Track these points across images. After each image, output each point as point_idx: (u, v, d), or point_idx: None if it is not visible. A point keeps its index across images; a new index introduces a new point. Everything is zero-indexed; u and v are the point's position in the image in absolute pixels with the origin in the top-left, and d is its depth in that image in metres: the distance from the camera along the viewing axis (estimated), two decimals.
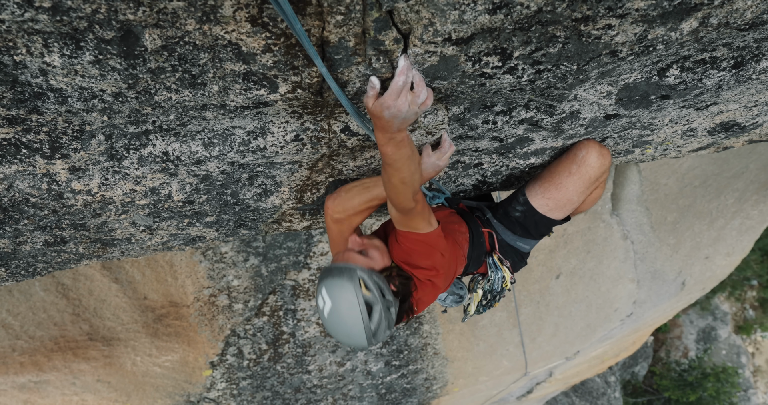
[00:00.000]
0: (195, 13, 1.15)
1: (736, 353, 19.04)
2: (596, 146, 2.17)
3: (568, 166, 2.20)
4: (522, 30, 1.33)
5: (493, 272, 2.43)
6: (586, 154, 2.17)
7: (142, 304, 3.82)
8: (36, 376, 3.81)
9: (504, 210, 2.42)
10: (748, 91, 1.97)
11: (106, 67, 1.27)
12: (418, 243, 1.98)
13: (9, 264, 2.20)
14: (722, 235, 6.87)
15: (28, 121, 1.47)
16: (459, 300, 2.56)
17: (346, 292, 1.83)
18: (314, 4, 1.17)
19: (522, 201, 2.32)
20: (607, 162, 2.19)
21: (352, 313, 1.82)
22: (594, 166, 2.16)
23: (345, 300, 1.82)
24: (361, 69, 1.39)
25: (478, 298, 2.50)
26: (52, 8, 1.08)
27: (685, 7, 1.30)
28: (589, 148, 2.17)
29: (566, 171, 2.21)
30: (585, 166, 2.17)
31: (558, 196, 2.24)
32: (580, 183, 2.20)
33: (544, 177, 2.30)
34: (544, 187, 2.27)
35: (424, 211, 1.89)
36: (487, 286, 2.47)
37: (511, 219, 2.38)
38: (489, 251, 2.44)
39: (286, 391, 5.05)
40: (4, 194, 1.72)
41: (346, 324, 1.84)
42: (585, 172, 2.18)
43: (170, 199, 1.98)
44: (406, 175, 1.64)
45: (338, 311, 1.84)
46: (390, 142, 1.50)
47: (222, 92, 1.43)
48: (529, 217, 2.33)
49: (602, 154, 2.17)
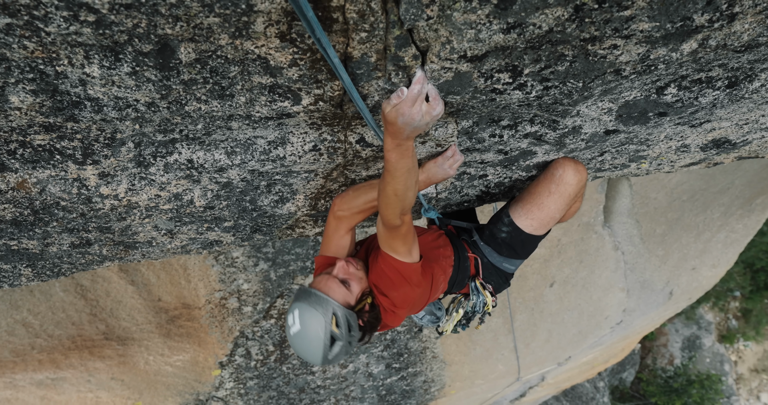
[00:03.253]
0: (229, 29, 1.17)
1: (720, 361, 18.98)
2: (572, 164, 2.18)
3: (548, 186, 2.20)
4: (533, 49, 1.35)
5: (475, 296, 2.41)
6: (563, 172, 2.17)
7: (156, 306, 3.82)
8: (53, 374, 3.80)
9: (490, 231, 2.38)
10: (740, 110, 1.99)
11: (142, 78, 1.29)
12: (393, 270, 1.94)
13: (36, 264, 2.20)
14: (708, 247, 6.88)
15: (63, 129, 1.48)
16: (436, 320, 2.54)
17: (316, 323, 1.83)
18: (341, 21, 1.19)
19: (507, 222, 2.30)
20: (583, 177, 2.19)
21: (315, 343, 1.83)
22: (572, 184, 2.17)
23: (312, 329, 1.83)
24: (381, 83, 1.41)
25: (458, 318, 2.48)
26: (96, 22, 1.10)
27: (687, 29, 1.32)
28: (566, 167, 2.17)
29: (546, 191, 2.21)
30: (563, 184, 2.17)
31: (541, 215, 2.23)
32: (561, 201, 2.21)
33: (525, 198, 2.28)
34: (527, 208, 2.26)
35: (407, 236, 1.86)
36: (469, 308, 2.45)
37: (498, 240, 2.35)
38: (473, 276, 2.42)
39: (291, 391, 5.03)
40: (36, 197, 1.73)
41: (307, 349, 1.85)
42: (564, 190, 2.18)
43: (192, 205, 1.99)
44: (401, 188, 1.62)
45: (304, 336, 1.84)
46: (397, 148, 1.50)
47: (248, 103, 1.45)
48: (515, 237, 2.31)
49: (578, 170, 2.18)
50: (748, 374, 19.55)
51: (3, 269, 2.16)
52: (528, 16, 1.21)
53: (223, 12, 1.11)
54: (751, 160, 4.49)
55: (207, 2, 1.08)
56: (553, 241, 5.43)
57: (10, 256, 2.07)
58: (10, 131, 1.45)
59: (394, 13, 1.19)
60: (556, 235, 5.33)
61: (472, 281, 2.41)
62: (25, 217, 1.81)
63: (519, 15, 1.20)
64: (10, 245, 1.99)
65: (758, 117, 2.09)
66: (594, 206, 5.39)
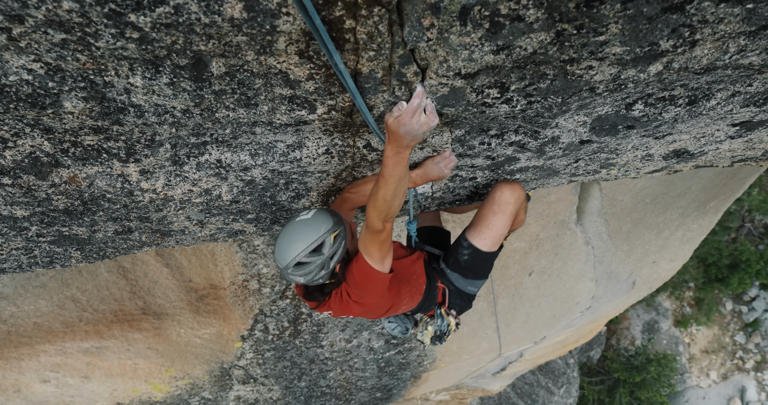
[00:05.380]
0: (255, 46, 1.17)
1: (675, 343, 18.95)
2: (507, 185, 2.21)
3: (491, 208, 2.23)
4: (519, 68, 1.34)
5: (439, 319, 2.41)
6: (501, 194, 2.21)
7: (187, 286, 3.82)
8: (97, 343, 3.81)
9: (453, 258, 2.37)
10: (698, 125, 1.98)
11: (179, 88, 1.28)
12: (362, 272, 1.90)
13: (84, 248, 2.21)
14: (667, 244, 6.85)
15: (110, 131, 1.48)
16: (405, 331, 2.54)
17: (323, 224, 1.76)
18: (352, 41, 1.18)
19: (466, 245, 2.30)
20: (518, 194, 2.22)
21: (306, 238, 1.74)
22: (510, 202, 2.20)
23: (316, 226, 1.76)
24: (386, 96, 1.40)
25: (430, 334, 2.48)
26: (140, 39, 1.10)
27: (654, 53, 1.32)
28: (503, 189, 2.21)
29: (491, 212, 2.24)
30: (503, 204, 2.20)
31: (492, 234, 2.26)
32: (504, 218, 2.23)
33: (476, 223, 2.30)
34: (479, 230, 2.28)
35: (384, 245, 1.81)
36: (437, 328, 2.45)
37: (462, 264, 2.34)
38: (439, 303, 2.42)
39: (303, 362, 5.03)
40: (85, 190, 1.73)
41: (295, 238, 1.76)
42: (505, 209, 2.21)
43: (220, 199, 1.99)
44: (389, 194, 1.59)
45: (304, 226, 1.76)
46: (395, 155, 1.49)
47: (270, 112, 1.44)
48: (476, 258, 2.31)
49: (513, 189, 2.21)
50: (699, 355, 19.51)
51: (56, 252, 2.17)
52: (515, 40, 1.21)
53: (250, 31, 1.11)
54: (706, 169, 4.47)
55: (236, 23, 1.08)
56: (532, 236, 5.41)
57: (62, 240, 2.07)
58: (64, 132, 1.45)
59: (398, 35, 1.18)
60: (534, 230, 5.31)
61: (438, 308, 2.43)
62: (76, 207, 1.82)
63: (507, 38, 1.20)
64: (62, 231, 2.00)
65: (714, 131, 2.08)
66: (568, 206, 5.37)
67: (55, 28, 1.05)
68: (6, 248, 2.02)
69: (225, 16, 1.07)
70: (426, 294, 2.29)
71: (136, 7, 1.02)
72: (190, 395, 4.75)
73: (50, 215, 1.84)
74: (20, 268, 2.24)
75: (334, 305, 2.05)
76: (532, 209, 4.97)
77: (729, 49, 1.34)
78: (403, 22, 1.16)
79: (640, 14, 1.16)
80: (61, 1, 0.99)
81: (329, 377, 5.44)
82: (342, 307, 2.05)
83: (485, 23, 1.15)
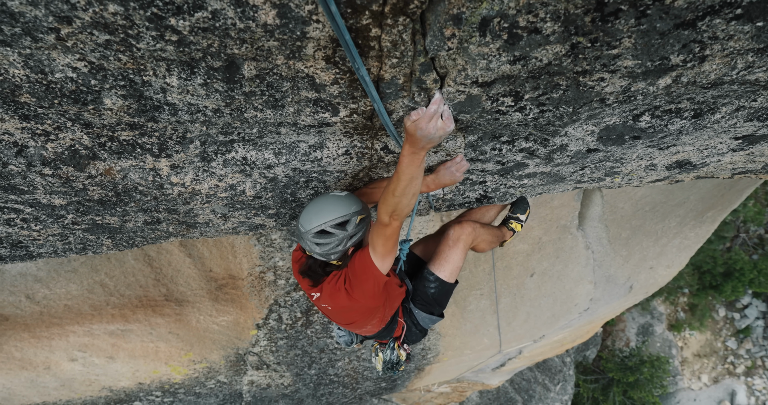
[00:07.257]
0: (285, 51, 1.17)
1: (668, 346, 18.73)
2: (457, 225, 2.39)
3: (447, 243, 2.39)
4: (533, 78, 1.34)
5: (389, 351, 2.49)
6: (453, 232, 2.38)
7: (207, 275, 3.84)
8: (123, 326, 3.85)
9: (421, 293, 2.41)
10: (702, 137, 1.95)
11: (211, 89, 1.29)
12: (363, 262, 1.90)
13: (115, 236, 2.23)
14: (665, 251, 6.77)
15: (144, 127, 1.50)
16: (349, 343, 2.60)
17: (354, 205, 1.81)
18: (377, 49, 1.18)
19: (433, 278, 2.38)
20: (467, 230, 2.39)
21: (336, 211, 1.78)
22: (461, 238, 2.38)
23: (346, 205, 1.80)
24: (406, 101, 1.40)
25: (381, 360, 2.53)
26: (178, 41, 1.11)
27: (664, 67, 1.30)
28: (454, 228, 2.39)
29: (447, 247, 2.39)
30: (456, 239, 2.38)
31: (451, 266, 2.38)
32: (459, 251, 2.38)
33: (437, 258, 2.41)
34: (439, 263, 2.38)
35: (389, 241, 1.81)
36: (386, 358, 2.50)
37: (429, 298, 2.40)
38: (395, 337, 2.49)
39: (313, 351, 5.05)
40: (119, 182, 1.75)
41: (327, 208, 1.80)
42: (459, 244, 2.38)
43: (244, 194, 2.00)
44: (399, 190, 1.60)
45: (337, 202, 1.81)
46: (410, 155, 1.49)
47: (296, 113, 1.45)
48: (441, 289, 2.39)
49: (462, 227, 2.39)
50: (691, 358, 19.25)
51: (89, 239, 2.19)
52: (532, 51, 1.20)
53: (282, 37, 1.12)
54: (705, 180, 4.41)
55: (269, 28, 1.09)
56: (535, 239, 5.38)
57: (95, 229, 2.10)
58: (102, 127, 1.47)
59: (420, 43, 1.18)
60: (537, 233, 5.28)
61: (392, 342, 2.51)
62: (110, 197, 1.84)
63: (524, 49, 1.19)
64: (95, 220, 2.02)
65: (716, 144, 2.05)
66: (571, 212, 5.33)
67: (100, 30, 1.06)
68: (43, 234, 2.05)
69: (259, 21, 1.07)
70: (387, 325, 2.35)
71: (177, 12, 1.03)
72: (206, 378, 4.78)
73: (85, 205, 1.87)
74: (55, 253, 2.26)
75: (327, 287, 2.05)
76: (536, 213, 4.94)
77: (737, 65, 1.32)
78: (425, 31, 1.16)
79: (653, 29, 1.15)
80: (107, 4, 1.00)
81: (338, 366, 5.45)
82: (331, 292, 2.05)
83: (504, 35, 1.15)
